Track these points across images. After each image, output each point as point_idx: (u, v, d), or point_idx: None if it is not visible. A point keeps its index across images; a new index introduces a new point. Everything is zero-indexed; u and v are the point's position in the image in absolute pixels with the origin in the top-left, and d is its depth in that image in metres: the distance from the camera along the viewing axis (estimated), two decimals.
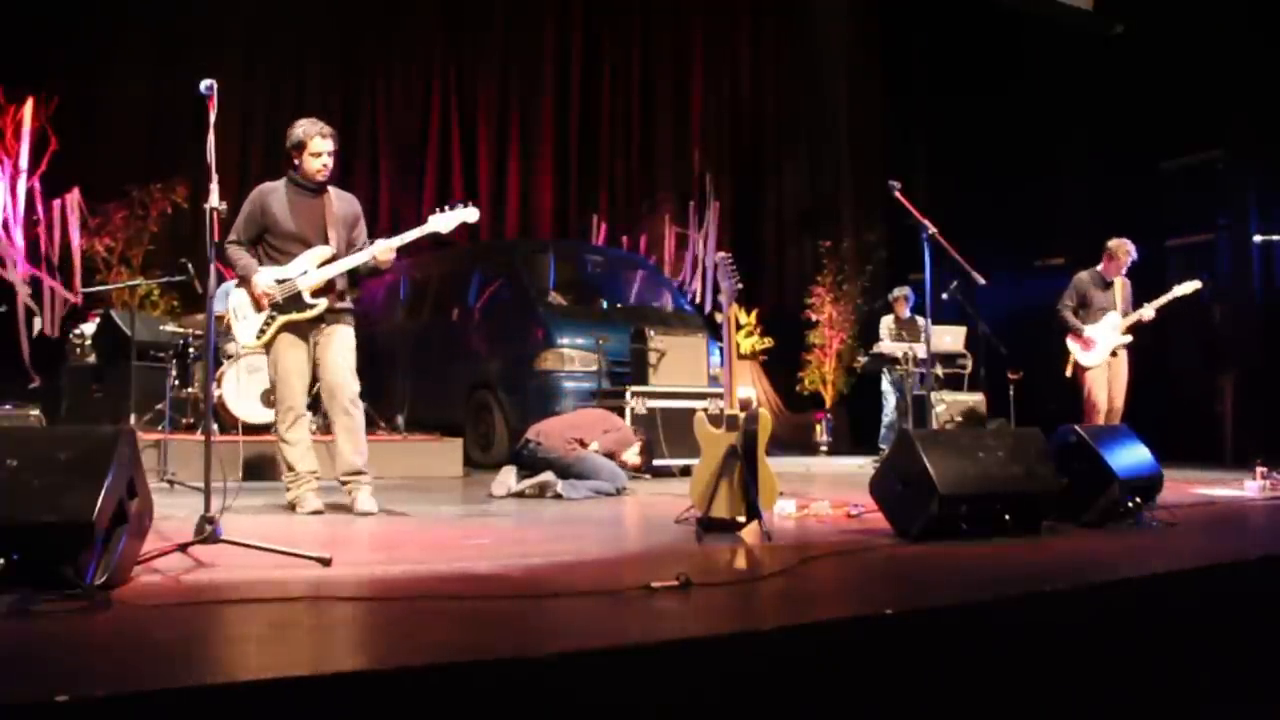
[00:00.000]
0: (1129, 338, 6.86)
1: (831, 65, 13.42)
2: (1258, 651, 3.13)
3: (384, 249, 4.54)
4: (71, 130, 8.88)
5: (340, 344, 4.61)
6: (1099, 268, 7.02)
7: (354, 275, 4.72)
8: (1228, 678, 3.01)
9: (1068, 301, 7.00)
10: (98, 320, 7.65)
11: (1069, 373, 6.96)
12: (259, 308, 4.53)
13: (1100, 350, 6.84)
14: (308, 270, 4.52)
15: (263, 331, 4.56)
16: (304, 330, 4.59)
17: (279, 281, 4.51)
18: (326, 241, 4.57)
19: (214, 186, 3.39)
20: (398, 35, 11.37)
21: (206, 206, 3.39)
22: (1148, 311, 6.83)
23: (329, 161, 4.57)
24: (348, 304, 4.71)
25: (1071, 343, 6.94)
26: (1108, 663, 2.72)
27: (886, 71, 13.23)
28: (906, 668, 2.36)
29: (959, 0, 11.30)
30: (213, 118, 3.68)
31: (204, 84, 3.56)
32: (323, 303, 4.55)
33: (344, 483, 4.65)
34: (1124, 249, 6.92)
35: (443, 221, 4.58)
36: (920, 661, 2.39)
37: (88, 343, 7.48)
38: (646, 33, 12.78)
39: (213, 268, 3.41)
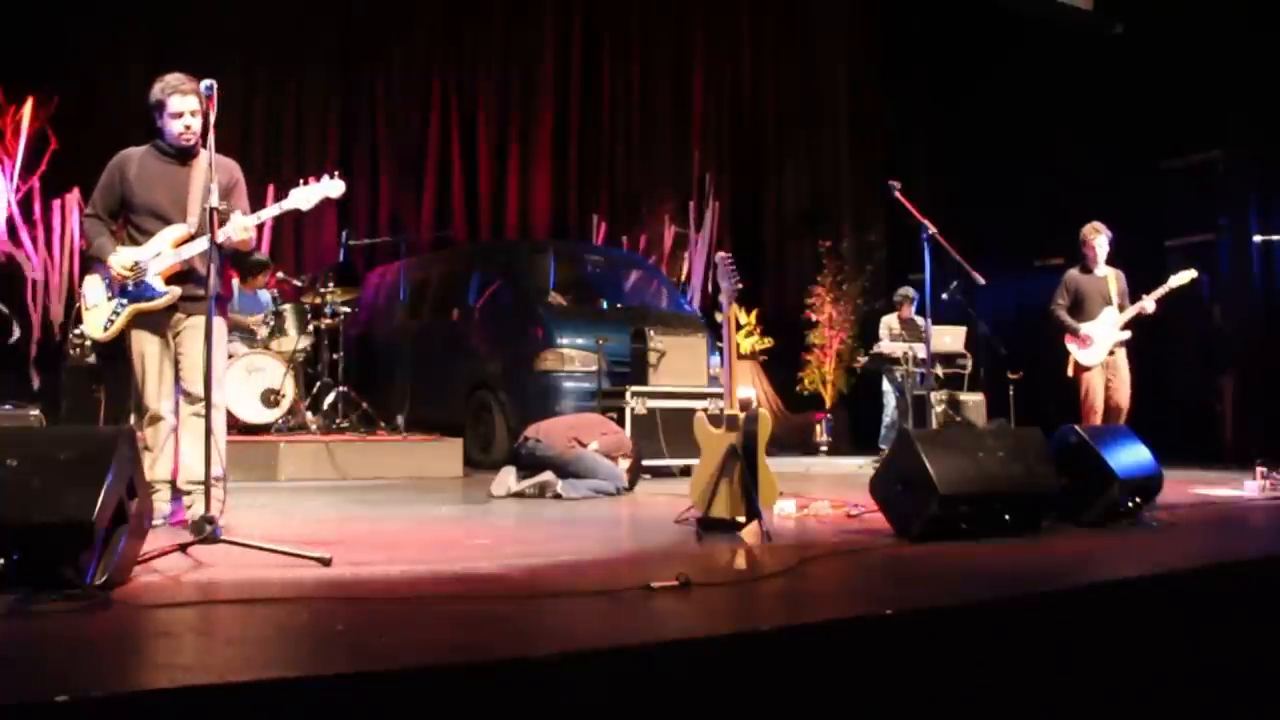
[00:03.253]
0: (1128, 334, 6.76)
1: (831, 65, 13.42)
2: (1258, 651, 3.13)
3: (237, 227, 3.83)
4: (71, 130, 8.88)
5: (196, 340, 3.86)
6: (1084, 262, 6.92)
7: (236, 258, 4.13)
8: (1228, 678, 3.01)
9: (1060, 301, 6.87)
10: None
11: (1070, 373, 6.83)
12: (110, 295, 3.97)
13: (1099, 348, 6.74)
14: (161, 251, 3.92)
15: (110, 322, 3.96)
16: (158, 321, 3.98)
17: (134, 264, 3.92)
18: (186, 218, 3.95)
19: (214, 186, 3.39)
20: (398, 35, 11.35)
21: (206, 206, 3.39)
22: (1148, 304, 6.71)
23: (193, 123, 3.91)
24: (209, 291, 4.05)
25: (1069, 343, 6.84)
26: (1108, 663, 2.72)
27: (886, 71, 13.22)
28: (906, 668, 2.36)
29: (959, 1, 11.30)
30: (213, 117, 3.68)
31: (204, 84, 3.56)
32: (175, 290, 3.92)
33: (186, 493, 3.99)
34: (1093, 229, 6.79)
35: (303, 196, 3.94)
36: (920, 661, 2.39)
37: (88, 343, 7.47)
38: (646, 32, 12.76)
39: (213, 267, 3.40)
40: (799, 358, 12.14)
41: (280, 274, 8.37)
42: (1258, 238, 9.44)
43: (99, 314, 4.01)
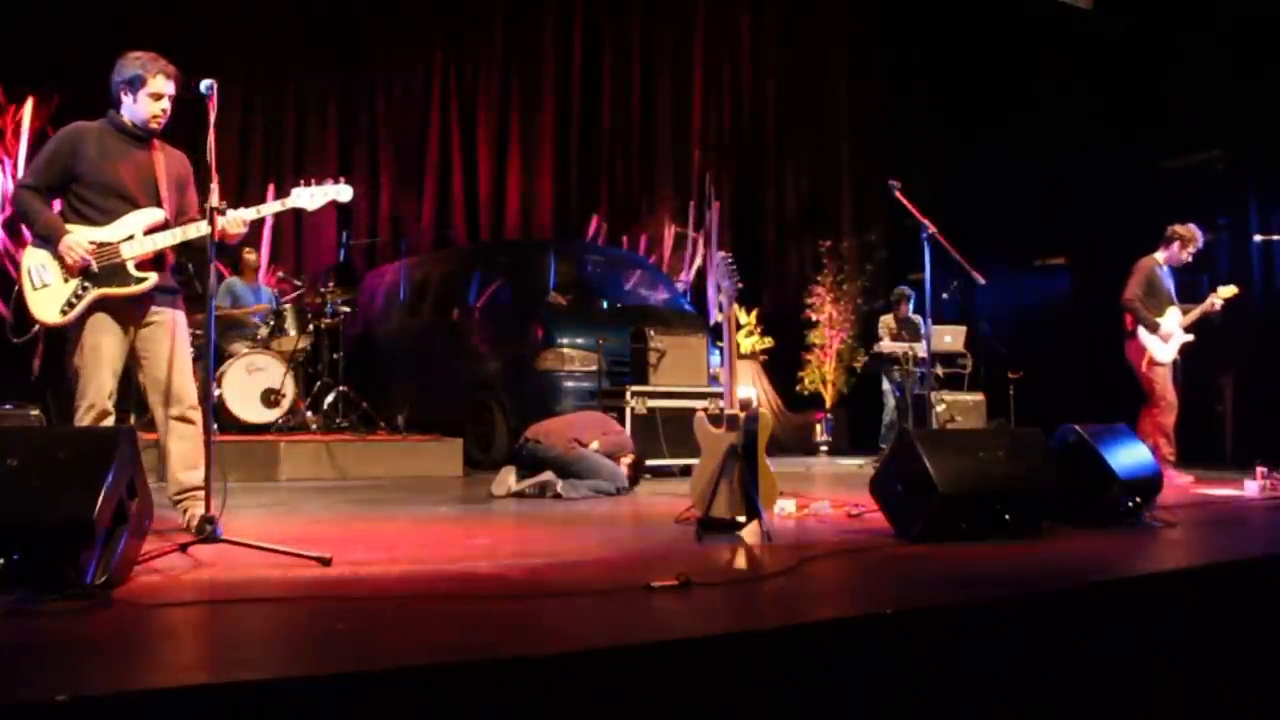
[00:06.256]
0: (1191, 336, 6.59)
1: (831, 65, 13.42)
2: (1258, 651, 3.13)
3: (234, 220, 3.69)
4: None
5: (177, 335, 3.77)
6: (1160, 255, 6.69)
7: (188, 250, 3.99)
8: (1228, 678, 3.01)
9: (1138, 291, 6.54)
10: None
11: (1144, 368, 6.55)
12: (68, 275, 3.65)
13: (1174, 346, 6.55)
14: (134, 235, 3.70)
15: (70, 305, 3.64)
16: (123, 311, 3.73)
17: (96, 245, 3.66)
18: (158, 203, 3.76)
19: (214, 186, 3.39)
20: (398, 35, 11.35)
21: (207, 206, 3.39)
22: (1217, 301, 6.60)
23: (169, 107, 3.79)
24: (175, 284, 3.96)
25: (1149, 337, 6.51)
26: (1108, 663, 2.72)
27: (886, 71, 13.22)
28: (906, 668, 2.36)
29: (959, 0, 11.29)
30: (213, 117, 3.68)
31: (204, 84, 3.56)
32: (152, 278, 3.71)
33: (177, 502, 3.85)
34: (1196, 232, 6.56)
35: (306, 196, 3.85)
36: (920, 661, 2.39)
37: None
38: (646, 32, 12.76)
39: (213, 267, 3.40)
40: (799, 358, 12.15)
41: (280, 274, 8.38)
42: (1258, 238, 9.42)
43: (54, 294, 3.65)
